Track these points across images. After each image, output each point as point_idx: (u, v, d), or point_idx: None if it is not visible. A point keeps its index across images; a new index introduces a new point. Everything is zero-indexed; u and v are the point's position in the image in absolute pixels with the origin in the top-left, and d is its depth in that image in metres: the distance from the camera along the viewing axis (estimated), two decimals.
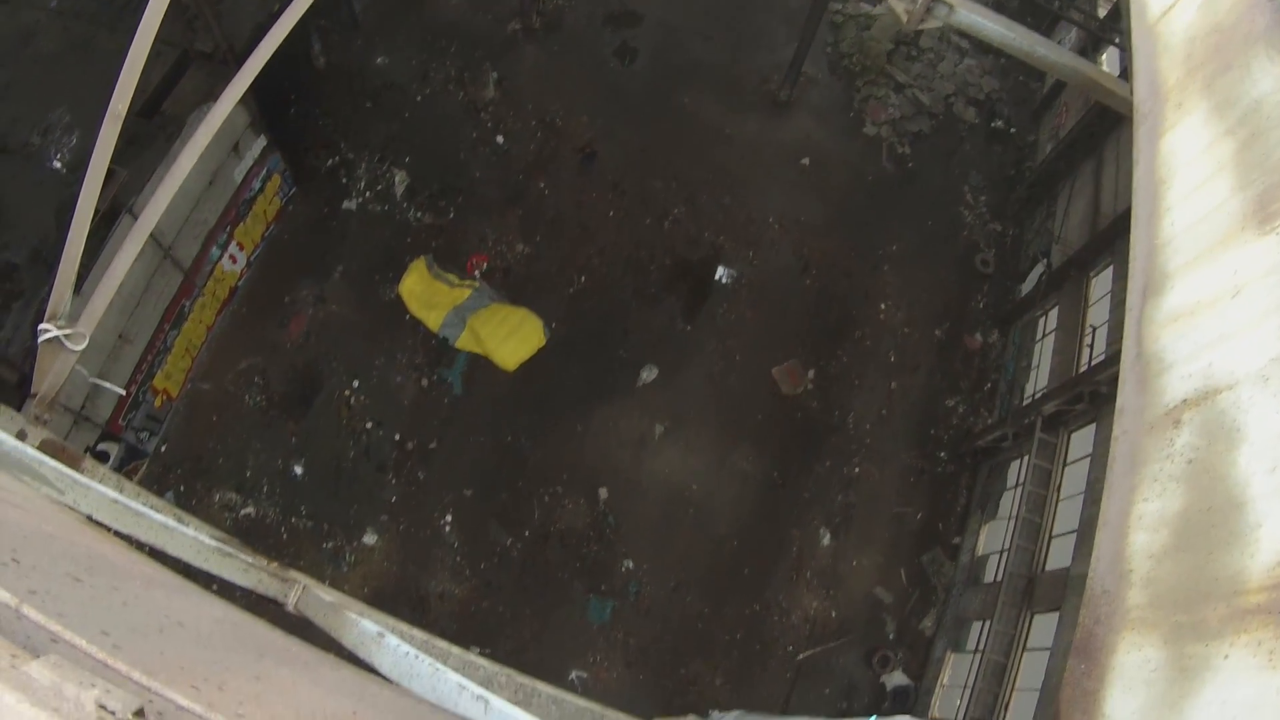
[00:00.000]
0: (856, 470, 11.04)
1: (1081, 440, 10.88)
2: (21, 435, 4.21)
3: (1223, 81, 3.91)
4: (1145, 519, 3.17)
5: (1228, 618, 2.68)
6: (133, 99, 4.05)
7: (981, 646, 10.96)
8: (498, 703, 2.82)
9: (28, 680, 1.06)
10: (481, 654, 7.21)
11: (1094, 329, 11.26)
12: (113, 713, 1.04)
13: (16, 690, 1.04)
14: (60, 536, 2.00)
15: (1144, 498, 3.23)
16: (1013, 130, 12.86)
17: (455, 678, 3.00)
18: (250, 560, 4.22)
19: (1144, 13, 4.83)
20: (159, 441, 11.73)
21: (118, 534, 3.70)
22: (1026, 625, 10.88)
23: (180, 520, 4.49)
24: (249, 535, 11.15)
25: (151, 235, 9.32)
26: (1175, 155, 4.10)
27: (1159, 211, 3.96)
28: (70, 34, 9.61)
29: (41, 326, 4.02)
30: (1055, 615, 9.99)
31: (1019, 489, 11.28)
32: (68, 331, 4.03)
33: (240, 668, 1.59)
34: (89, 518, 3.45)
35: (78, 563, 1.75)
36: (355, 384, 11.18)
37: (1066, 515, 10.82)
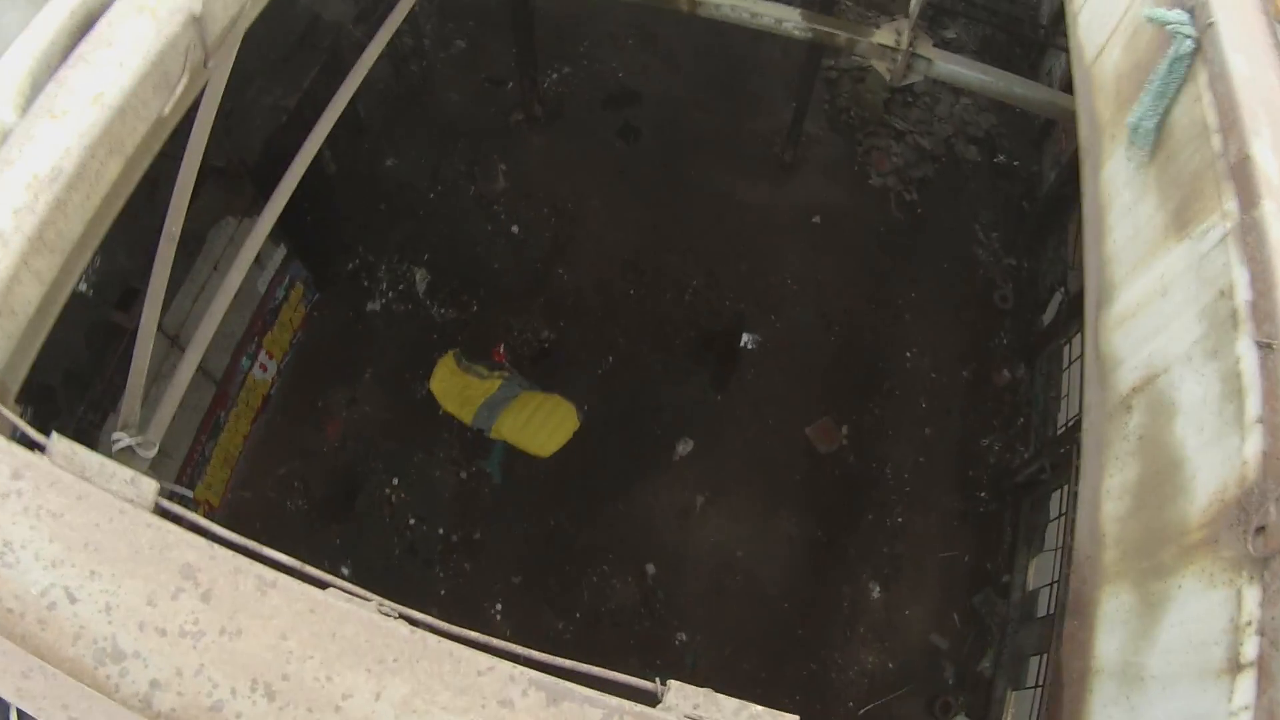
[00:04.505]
0: (900, 520, 11.04)
1: None
2: None
3: None
4: (1112, 491, 3.80)
5: (1178, 555, 3.23)
6: (168, 219, 4.10)
7: (1041, 681, 10.88)
8: None
9: None
10: None
11: None
12: None
13: None
14: None
15: (1110, 474, 3.84)
16: (1016, 163, 12.97)
17: None
18: None
19: (1082, 56, 5.54)
20: None
21: None
22: None
23: None
24: None
25: (181, 348, 9.54)
26: (1112, 182, 4.73)
27: (1103, 232, 4.59)
28: None
29: (115, 435, 4.11)
30: None
31: (1062, 519, 11.25)
32: (139, 440, 4.18)
33: None
34: None
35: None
36: (395, 481, 11.30)
37: None
